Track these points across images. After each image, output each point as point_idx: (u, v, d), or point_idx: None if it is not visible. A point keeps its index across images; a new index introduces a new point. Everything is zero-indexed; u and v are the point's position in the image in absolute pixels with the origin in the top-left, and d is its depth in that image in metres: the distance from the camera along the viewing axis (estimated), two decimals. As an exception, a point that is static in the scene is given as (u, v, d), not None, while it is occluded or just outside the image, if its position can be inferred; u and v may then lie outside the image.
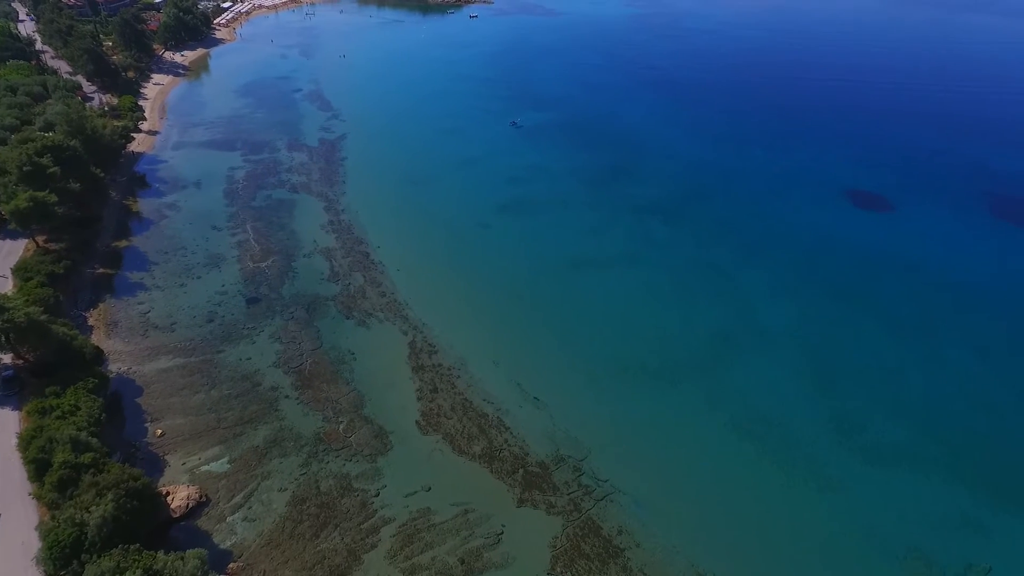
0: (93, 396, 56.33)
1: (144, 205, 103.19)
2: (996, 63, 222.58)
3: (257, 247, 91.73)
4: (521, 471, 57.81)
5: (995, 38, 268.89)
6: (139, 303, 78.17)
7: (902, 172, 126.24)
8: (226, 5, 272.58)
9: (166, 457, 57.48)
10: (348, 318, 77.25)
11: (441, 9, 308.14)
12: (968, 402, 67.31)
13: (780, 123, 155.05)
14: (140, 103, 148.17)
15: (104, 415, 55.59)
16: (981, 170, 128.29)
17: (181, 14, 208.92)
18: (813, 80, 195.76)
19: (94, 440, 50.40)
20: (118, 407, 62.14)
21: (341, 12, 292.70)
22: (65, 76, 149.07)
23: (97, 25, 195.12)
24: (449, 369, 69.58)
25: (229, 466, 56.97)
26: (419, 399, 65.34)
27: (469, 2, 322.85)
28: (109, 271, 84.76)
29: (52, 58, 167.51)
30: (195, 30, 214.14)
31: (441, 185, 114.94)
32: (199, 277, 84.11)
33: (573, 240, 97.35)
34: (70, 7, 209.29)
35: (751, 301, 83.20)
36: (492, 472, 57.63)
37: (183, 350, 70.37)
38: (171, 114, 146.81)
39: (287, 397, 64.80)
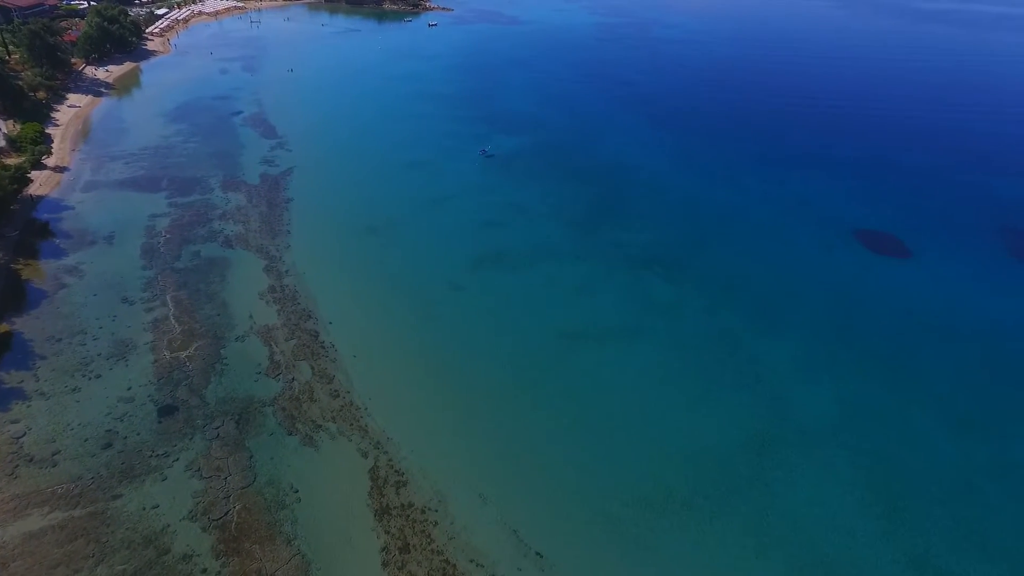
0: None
1: (38, 270, 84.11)
2: (977, 76, 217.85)
3: (178, 328, 73.99)
4: None
5: (959, 47, 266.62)
6: (12, 421, 59.87)
7: (907, 206, 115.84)
8: (161, 12, 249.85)
9: None
10: (291, 433, 60.57)
11: (398, 17, 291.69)
12: (1067, 532, 55.13)
13: (766, 148, 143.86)
14: (49, 131, 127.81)
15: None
16: (992, 201, 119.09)
17: (105, 23, 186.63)
18: (791, 98, 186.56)
19: None
20: (-41, 605, 44.56)
21: (287, 20, 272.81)
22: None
23: (6, 35, 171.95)
24: (423, 511, 53.71)
25: None
26: (384, 564, 49.30)
27: (428, 9, 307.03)
28: (-21, 371, 66.11)
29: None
30: (122, 41, 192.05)
31: (404, 233, 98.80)
32: (99, 376, 66.08)
33: (562, 305, 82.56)
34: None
35: (781, 388, 69.80)
36: None
37: (65, 498, 52.65)
38: (86, 144, 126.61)
39: (205, 572, 47.93)
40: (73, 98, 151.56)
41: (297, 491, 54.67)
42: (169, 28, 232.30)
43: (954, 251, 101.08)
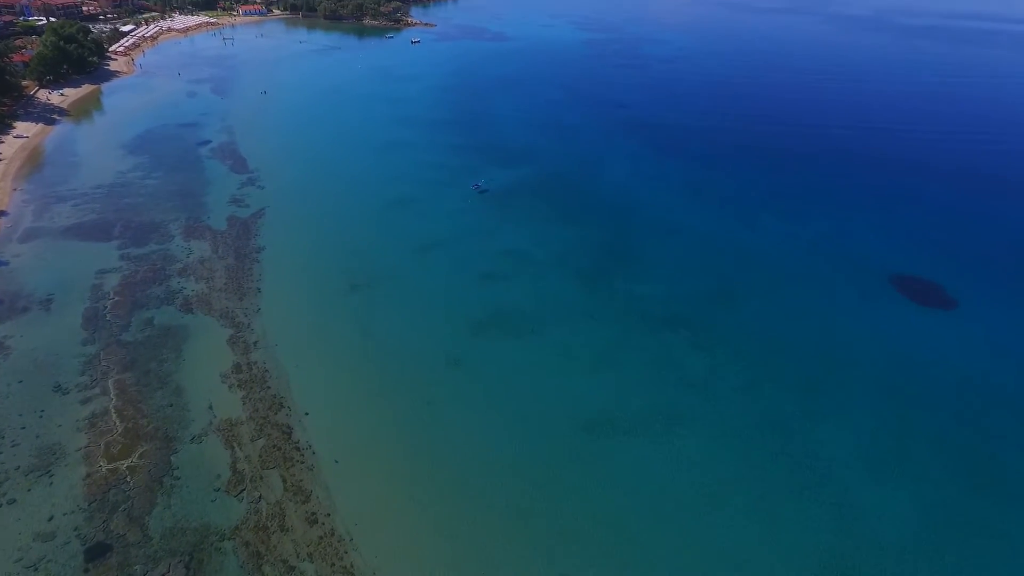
0: None
1: (-46, 348, 70.46)
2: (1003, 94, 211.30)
3: (119, 426, 60.85)
4: None
5: (946, 63, 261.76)
6: None
7: (944, 247, 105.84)
8: (126, 29, 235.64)
9: None
10: (256, 581, 47.83)
11: (379, 33, 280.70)
12: None
13: (782, 180, 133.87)
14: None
15: None
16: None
17: (62, 43, 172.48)
18: (794, 120, 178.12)
19: None
20: None
21: (261, 36, 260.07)
22: None
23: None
24: None
25: None
26: None
27: (409, 25, 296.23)
28: None
29: None
30: (81, 62, 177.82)
31: (392, 290, 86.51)
32: (12, 501, 52.79)
33: (581, 383, 70.55)
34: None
35: (849, 490, 58.44)
36: None
37: None
38: (30, 182, 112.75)
39: None
40: (21, 127, 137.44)
41: (262, 677, 41.94)
42: (135, 46, 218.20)
43: (1001, 297, 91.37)
